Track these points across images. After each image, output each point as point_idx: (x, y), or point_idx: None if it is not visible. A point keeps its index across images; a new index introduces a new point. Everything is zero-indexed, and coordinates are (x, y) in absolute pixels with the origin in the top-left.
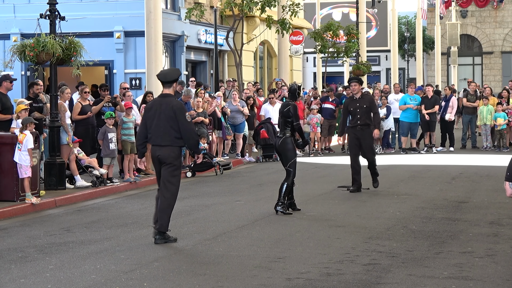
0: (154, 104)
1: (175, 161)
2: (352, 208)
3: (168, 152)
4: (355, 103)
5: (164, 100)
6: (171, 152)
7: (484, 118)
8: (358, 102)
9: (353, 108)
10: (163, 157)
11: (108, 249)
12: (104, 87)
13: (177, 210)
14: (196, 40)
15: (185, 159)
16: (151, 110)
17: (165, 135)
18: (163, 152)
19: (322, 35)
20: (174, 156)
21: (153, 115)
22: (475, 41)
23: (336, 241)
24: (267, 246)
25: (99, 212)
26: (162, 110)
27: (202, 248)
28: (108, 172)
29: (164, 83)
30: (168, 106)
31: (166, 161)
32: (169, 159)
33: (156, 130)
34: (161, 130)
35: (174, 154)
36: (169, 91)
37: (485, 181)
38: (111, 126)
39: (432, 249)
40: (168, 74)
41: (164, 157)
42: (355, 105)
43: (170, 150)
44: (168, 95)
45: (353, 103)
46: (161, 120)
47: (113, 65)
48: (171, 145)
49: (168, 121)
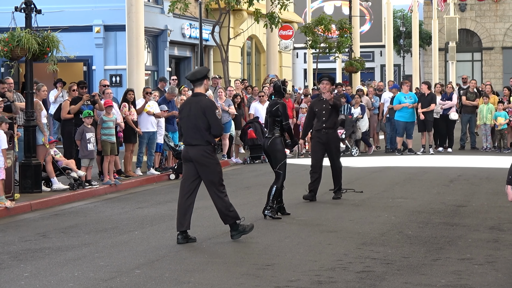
0: (186, 104)
1: (211, 159)
2: (344, 212)
3: (200, 151)
4: (321, 104)
5: (194, 99)
6: (203, 151)
7: (484, 118)
8: (325, 103)
9: (318, 109)
10: (194, 157)
11: (86, 256)
12: (82, 85)
13: (159, 214)
14: (180, 34)
15: (168, 161)
16: (184, 111)
17: (195, 134)
18: (195, 152)
19: (313, 29)
20: (207, 155)
21: (184, 114)
22: (474, 36)
23: (328, 247)
24: (255, 253)
25: (77, 217)
26: (192, 110)
27: (186, 255)
28: (86, 174)
29: (194, 81)
30: (198, 105)
31: (200, 161)
32: (202, 159)
33: (187, 130)
34: (192, 130)
35: (207, 153)
36: (200, 90)
37: (485, 184)
38: (89, 126)
39: (429, 255)
40: (197, 72)
41: (197, 157)
42: (321, 106)
43: (201, 149)
44: (199, 94)
45: (319, 103)
46: (191, 120)
47: (92, 61)
48: (202, 145)
49: (197, 120)
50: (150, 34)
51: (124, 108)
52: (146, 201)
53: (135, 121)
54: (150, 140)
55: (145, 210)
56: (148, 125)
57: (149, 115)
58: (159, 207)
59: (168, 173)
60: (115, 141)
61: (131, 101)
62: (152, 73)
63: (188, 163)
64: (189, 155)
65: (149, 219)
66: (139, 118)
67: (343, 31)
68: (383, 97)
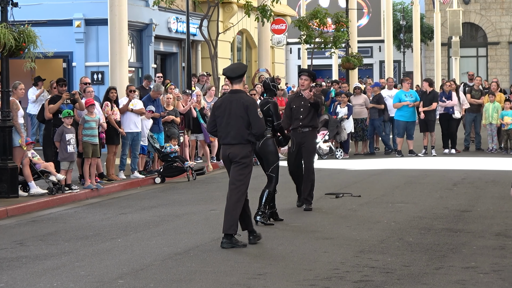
0: (224, 101)
1: (246, 159)
2: (341, 218)
3: (239, 150)
4: (300, 101)
5: (235, 96)
6: (241, 150)
7: (490, 117)
8: (303, 100)
9: (295, 106)
10: (233, 155)
11: (66, 265)
12: (62, 82)
13: (144, 220)
14: (166, 29)
15: (153, 164)
16: (221, 108)
17: (235, 133)
18: (234, 150)
19: (308, 23)
20: (244, 154)
21: (222, 112)
22: (479, 30)
23: (324, 255)
24: (246, 261)
25: (56, 223)
26: (233, 108)
27: (173, 264)
28: (66, 178)
29: (233, 79)
30: (239, 102)
31: (236, 159)
32: (239, 157)
33: (226, 129)
34: (232, 129)
35: (245, 152)
36: (239, 87)
37: (490, 187)
38: (69, 126)
39: (431, 264)
40: (237, 68)
41: (234, 155)
42: (299, 103)
43: (241, 148)
44: (238, 91)
45: (297, 100)
46: (231, 118)
47: (72, 57)
48: (242, 143)
49: (238, 118)
50: (134, 28)
51: (106, 107)
52: (130, 206)
53: (118, 121)
54: (133, 142)
55: (128, 216)
56: (131, 125)
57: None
58: (143, 213)
59: (153, 177)
60: (97, 143)
61: (114, 100)
62: (136, 70)
63: (229, 164)
64: (228, 155)
65: (133, 225)
66: (122, 118)
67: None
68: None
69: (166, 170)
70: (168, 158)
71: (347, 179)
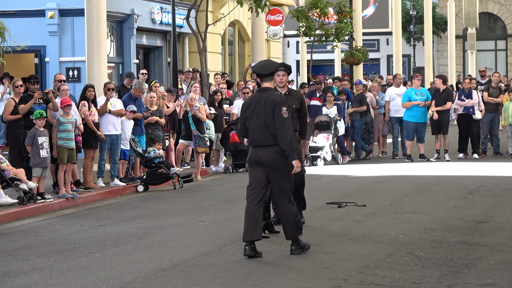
0: (253, 100)
1: (285, 162)
2: (344, 230)
3: (272, 153)
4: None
5: (264, 94)
6: (276, 153)
7: (510, 117)
8: (290, 100)
9: None
10: (266, 160)
11: (38, 283)
12: (34, 80)
13: (125, 233)
14: (149, 20)
15: (135, 169)
16: (250, 108)
17: (268, 134)
18: (267, 154)
19: (307, 14)
20: (280, 157)
21: (251, 113)
22: (498, 20)
23: (324, 271)
24: (238, 278)
25: (28, 236)
26: (262, 106)
27: (157, 281)
28: (38, 186)
29: (264, 76)
30: (268, 100)
31: (272, 164)
32: (276, 162)
33: (257, 130)
34: (263, 129)
35: (281, 155)
36: (269, 85)
37: (510, 196)
38: (42, 129)
39: (444, 280)
40: (268, 65)
41: (268, 160)
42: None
43: (275, 150)
44: (268, 89)
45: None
46: (261, 117)
47: (45, 51)
48: (275, 145)
49: (268, 117)
50: (114, 19)
51: (83, 107)
52: (109, 217)
53: (96, 123)
54: (113, 145)
55: (108, 228)
56: (109, 127)
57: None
58: (124, 225)
59: (135, 184)
60: (73, 147)
61: (91, 99)
62: (116, 66)
63: (257, 167)
64: (260, 158)
65: (112, 238)
66: (100, 119)
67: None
68: (388, 93)
69: (150, 177)
70: (152, 164)
71: (350, 186)
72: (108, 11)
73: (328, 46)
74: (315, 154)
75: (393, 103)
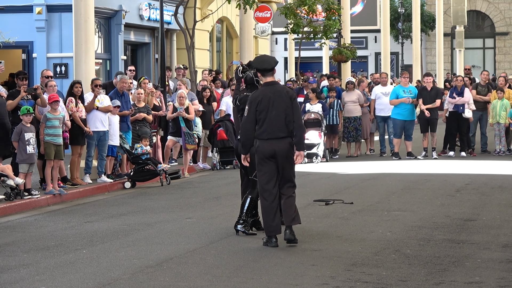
0: (265, 94)
1: (293, 152)
2: (331, 228)
3: (287, 145)
4: None
5: (274, 88)
6: (290, 145)
7: (497, 115)
8: None
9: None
10: (281, 151)
11: (25, 279)
12: (22, 75)
13: (112, 229)
14: (137, 16)
15: (122, 166)
16: (263, 102)
17: (284, 126)
18: (282, 145)
19: (295, 11)
20: (292, 149)
21: (266, 105)
22: (486, 19)
23: (311, 268)
24: (225, 275)
25: (14, 232)
26: (277, 99)
27: (143, 278)
28: (25, 182)
29: (267, 71)
30: (283, 93)
31: (286, 155)
32: (289, 153)
33: (273, 122)
34: (281, 121)
35: (291, 145)
36: (272, 78)
37: (497, 194)
38: (29, 125)
39: (431, 278)
40: (267, 60)
41: (283, 151)
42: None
43: (289, 142)
44: (275, 83)
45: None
46: (279, 110)
47: (33, 47)
48: (289, 136)
49: (282, 111)
50: (102, 15)
51: (70, 103)
52: (96, 214)
53: (83, 119)
54: (100, 142)
55: (95, 224)
56: (97, 123)
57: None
58: (111, 221)
59: (122, 181)
60: (60, 143)
61: (79, 96)
62: (103, 62)
63: (269, 160)
64: (274, 150)
65: (99, 235)
66: (87, 115)
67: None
68: (374, 92)
69: (137, 174)
70: (139, 160)
71: (338, 184)
72: (96, 7)
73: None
74: (310, 152)
75: (379, 102)
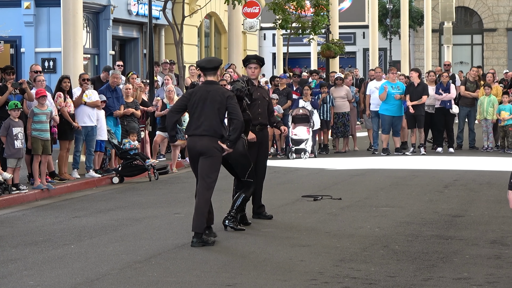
0: (200, 91)
1: (217, 152)
2: (319, 223)
3: (210, 142)
4: (256, 93)
5: (212, 87)
6: (213, 142)
7: (485, 112)
8: (259, 91)
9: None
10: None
11: (13, 273)
12: (10, 70)
13: (100, 224)
14: (126, 11)
15: (111, 161)
16: (196, 96)
17: (209, 125)
18: (205, 143)
19: (284, 6)
20: (216, 146)
21: (197, 102)
22: (474, 15)
23: (300, 264)
24: (213, 271)
25: (2, 227)
26: (209, 98)
27: (132, 273)
28: (13, 177)
29: (209, 69)
30: (218, 93)
31: (207, 151)
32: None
33: (199, 119)
34: (206, 120)
35: (216, 145)
36: (214, 78)
37: (485, 190)
38: (17, 120)
39: (419, 274)
40: (213, 60)
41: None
42: (256, 95)
43: (212, 140)
44: (214, 82)
45: (255, 91)
46: (207, 109)
47: (21, 42)
48: (214, 136)
49: (215, 110)
50: (90, 10)
51: (59, 98)
52: (84, 209)
53: (71, 114)
54: (88, 137)
55: (83, 219)
56: (85, 118)
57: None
58: (99, 216)
59: (110, 176)
60: (48, 138)
61: (67, 90)
62: (92, 57)
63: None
64: (197, 146)
65: (88, 230)
66: (76, 110)
67: (319, 8)
68: (369, 87)
69: (125, 169)
70: (127, 156)
71: (326, 180)
72: (84, 2)
73: (304, 39)
74: (299, 147)
75: (373, 97)
